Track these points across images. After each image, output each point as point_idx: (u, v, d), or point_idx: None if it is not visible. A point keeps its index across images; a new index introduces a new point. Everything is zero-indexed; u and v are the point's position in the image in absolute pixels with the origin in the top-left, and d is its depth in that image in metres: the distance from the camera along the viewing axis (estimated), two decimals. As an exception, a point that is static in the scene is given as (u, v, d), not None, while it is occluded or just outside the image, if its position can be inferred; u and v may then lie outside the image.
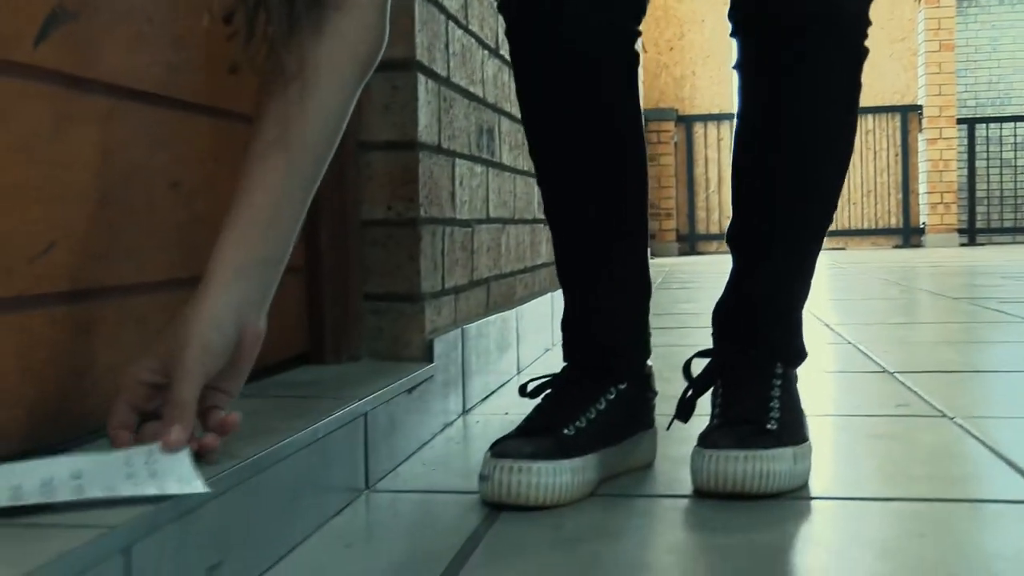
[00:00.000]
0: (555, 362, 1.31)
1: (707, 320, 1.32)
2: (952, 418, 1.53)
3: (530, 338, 2.21)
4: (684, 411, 1.24)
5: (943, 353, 2.35)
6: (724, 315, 1.28)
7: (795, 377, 1.25)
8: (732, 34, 1.25)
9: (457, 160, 1.71)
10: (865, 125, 10.31)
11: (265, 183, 0.93)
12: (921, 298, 4.12)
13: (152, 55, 1.05)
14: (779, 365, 1.22)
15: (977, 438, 1.40)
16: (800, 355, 1.27)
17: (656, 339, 1.33)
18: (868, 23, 1.20)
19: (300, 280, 1.41)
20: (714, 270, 6.59)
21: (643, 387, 1.26)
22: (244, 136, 1.25)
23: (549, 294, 2.44)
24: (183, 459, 0.81)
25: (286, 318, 1.38)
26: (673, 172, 10.31)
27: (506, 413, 1.65)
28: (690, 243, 10.51)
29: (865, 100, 1.25)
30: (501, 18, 1.25)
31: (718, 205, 10.46)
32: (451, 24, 1.70)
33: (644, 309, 1.29)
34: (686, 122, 10.49)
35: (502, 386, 1.91)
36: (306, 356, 1.44)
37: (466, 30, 1.82)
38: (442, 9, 1.64)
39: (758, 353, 1.23)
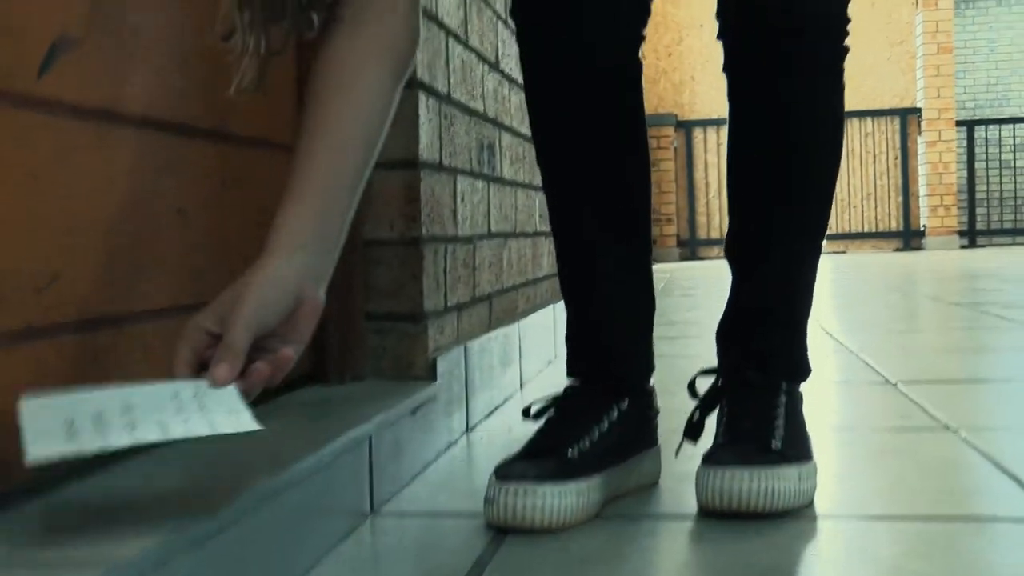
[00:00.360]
0: (558, 375, 1.31)
1: (709, 329, 1.32)
2: (956, 431, 1.53)
3: (533, 352, 2.22)
4: (693, 432, 1.24)
5: (945, 362, 2.36)
6: (726, 332, 1.28)
7: (800, 396, 1.26)
8: (719, 36, 1.26)
9: (458, 177, 1.71)
10: (864, 128, 10.32)
11: (317, 165, 0.97)
12: (922, 303, 4.12)
13: (158, 80, 1.06)
14: (783, 383, 1.23)
15: (981, 452, 1.40)
16: (804, 371, 1.28)
17: (658, 349, 1.33)
18: (847, 20, 1.22)
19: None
20: (715, 275, 6.59)
21: (645, 405, 1.26)
22: (250, 160, 1.26)
23: (551, 306, 2.45)
24: (231, 393, 0.83)
25: (290, 339, 1.38)
26: (673, 177, 10.31)
27: (510, 430, 1.66)
28: (691, 248, 10.51)
29: (864, 103, 1.28)
30: (501, 32, 1.26)
31: (718, 210, 10.46)
32: (451, 40, 1.71)
33: (647, 324, 1.29)
34: (686, 127, 10.50)
35: (505, 401, 1.92)
36: (310, 376, 1.44)
37: (466, 46, 1.82)
38: (442, 26, 1.65)
39: (761, 370, 1.23)
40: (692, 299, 4.70)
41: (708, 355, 1.31)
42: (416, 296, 1.50)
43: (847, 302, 4.24)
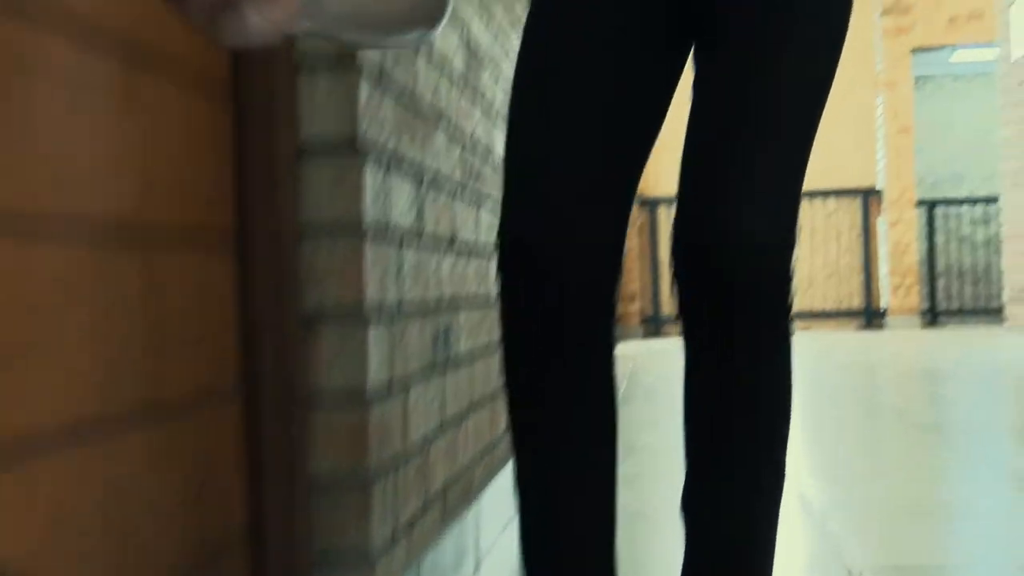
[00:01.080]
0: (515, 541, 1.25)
1: (672, 462, 1.27)
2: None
3: (490, 522, 2.16)
4: None
5: (914, 535, 2.32)
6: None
7: None
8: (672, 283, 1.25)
9: (411, 392, 1.66)
10: (826, 208, 10.41)
11: None
12: (885, 425, 4.10)
13: (117, 373, 1.00)
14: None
15: None
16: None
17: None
18: (791, 308, 1.22)
19: (245, 544, 1.36)
20: (679, 365, 6.56)
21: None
22: (233, 456, 1.20)
23: (511, 460, 2.39)
24: None
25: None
26: (637, 255, 10.34)
27: (462, 652, 1.59)
28: (655, 325, 10.52)
29: (826, 183, 1.26)
30: (457, 207, 1.23)
31: (682, 287, 10.49)
32: (403, 248, 1.66)
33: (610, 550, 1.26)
34: (650, 204, 10.54)
35: (459, 600, 1.86)
36: (251, 623, 1.38)
37: (419, 242, 1.78)
38: (392, 239, 1.60)
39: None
40: (654, 406, 4.66)
41: (671, 508, 1.26)
42: (363, 534, 1.44)
43: (810, 420, 4.21)
